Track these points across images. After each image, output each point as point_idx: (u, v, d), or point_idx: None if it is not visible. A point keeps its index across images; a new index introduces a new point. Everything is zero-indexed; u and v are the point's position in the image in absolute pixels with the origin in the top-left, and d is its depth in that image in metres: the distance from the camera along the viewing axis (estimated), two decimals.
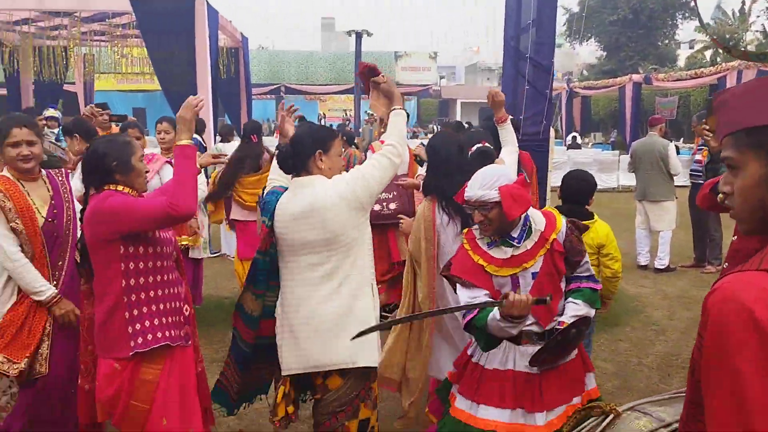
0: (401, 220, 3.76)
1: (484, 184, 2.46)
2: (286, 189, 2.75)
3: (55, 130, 7.48)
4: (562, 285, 2.57)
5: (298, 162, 2.68)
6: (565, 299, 2.57)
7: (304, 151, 2.67)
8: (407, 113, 3.12)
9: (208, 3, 10.64)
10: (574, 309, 2.53)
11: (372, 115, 27.21)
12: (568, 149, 17.44)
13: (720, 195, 1.20)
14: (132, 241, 2.45)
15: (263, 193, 2.88)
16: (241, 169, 5.40)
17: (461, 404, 2.58)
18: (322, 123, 29.22)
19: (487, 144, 3.36)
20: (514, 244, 2.52)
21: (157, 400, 2.49)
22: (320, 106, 32.81)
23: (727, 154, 1.15)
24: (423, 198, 3.39)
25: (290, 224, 2.63)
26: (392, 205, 4.19)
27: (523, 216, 2.53)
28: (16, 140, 2.86)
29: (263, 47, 39.65)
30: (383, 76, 3.01)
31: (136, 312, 2.46)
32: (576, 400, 2.48)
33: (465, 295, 2.56)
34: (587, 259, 2.64)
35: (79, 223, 2.82)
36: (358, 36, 24.08)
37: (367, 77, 3.05)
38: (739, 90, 1.17)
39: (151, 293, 2.51)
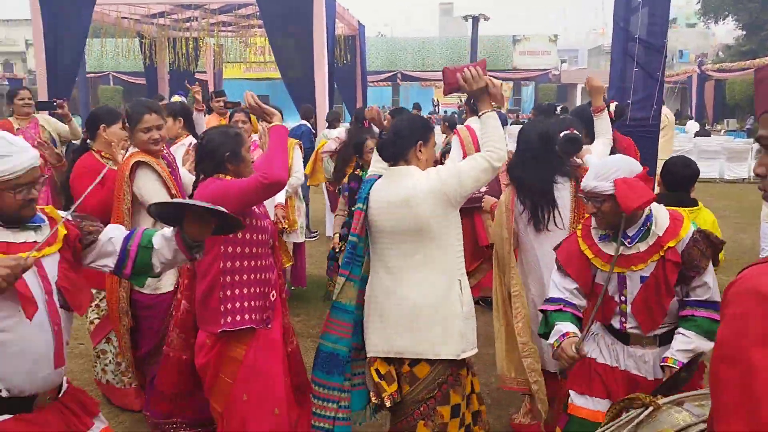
0: (483, 197, 3.79)
1: (600, 174, 2.36)
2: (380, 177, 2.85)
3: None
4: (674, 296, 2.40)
5: (398, 151, 2.74)
6: (678, 326, 2.40)
7: (406, 141, 2.73)
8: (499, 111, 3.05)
9: None
10: (684, 343, 2.33)
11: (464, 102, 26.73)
12: (695, 136, 16.38)
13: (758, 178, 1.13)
14: None
15: (348, 180, 3.01)
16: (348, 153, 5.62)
17: (579, 401, 2.54)
18: (437, 110, 29.19)
19: (575, 131, 3.29)
20: (626, 243, 2.39)
21: (240, 377, 2.66)
22: (435, 92, 32.79)
23: (763, 132, 1.09)
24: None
25: (384, 211, 2.70)
26: (483, 188, 4.22)
27: (645, 214, 2.40)
28: (147, 126, 3.19)
29: (382, 34, 40.16)
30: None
31: (229, 293, 2.64)
32: None
33: (556, 279, 2.57)
34: (707, 279, 2.37)
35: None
36: (475, 20, 23.79)
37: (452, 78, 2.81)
38: None
39: (245, 277, 2.67)
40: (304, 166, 6.05)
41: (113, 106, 4.10)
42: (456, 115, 17.82)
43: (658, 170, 3.42)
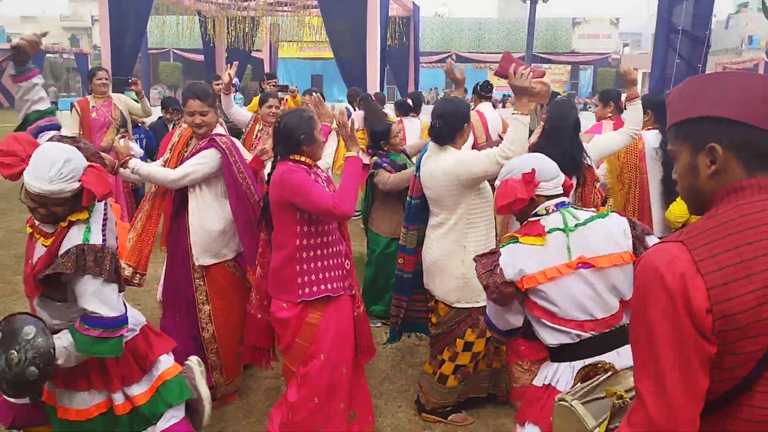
0: None
1: (502, 173, 2.39)
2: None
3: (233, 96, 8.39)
4: None
5: (448, 135, 3.26)
6: None
7: (455, 124, 3.25)
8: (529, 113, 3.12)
9: None
10: None
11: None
12: None
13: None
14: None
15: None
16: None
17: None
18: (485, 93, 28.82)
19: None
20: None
21: (317, 340, 2.92)
22: (489, 75, 32.45)
23: (669, 145, 1.33)
24: None
25: (425, 179, 3.35)
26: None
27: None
28: (190, 110, 3.39)
29: (439, 14, 39.83)
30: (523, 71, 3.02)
31: (305, 266, 2.89)
32: None
33: None
34: None
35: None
36: (533, 2, 23.34)
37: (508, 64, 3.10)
38: (677, 88, 1.33)
39: (318, 252, 2.92)
40: None
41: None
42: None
43: None
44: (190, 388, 2.67)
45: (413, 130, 6.74)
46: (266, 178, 3.10)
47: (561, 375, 2.11)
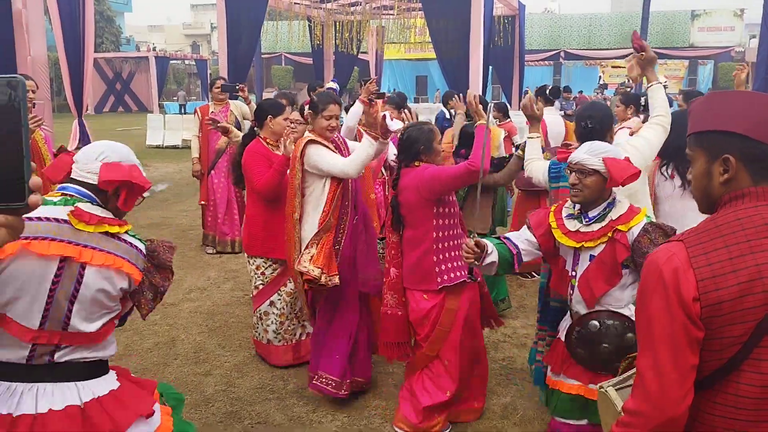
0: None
1: (591, 150, 2.65)
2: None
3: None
4: (624, 279, 2.63)
5: (599, 134, 3.27)
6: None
7: (606, 123, 3.28)
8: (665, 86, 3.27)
9: None
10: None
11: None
12: None
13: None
14: (440, 205, 3.24)
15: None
16: None
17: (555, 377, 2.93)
18: (602, 93, 27.95)
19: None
20: (584, 221, 2.68)
21: (457, 322, 3.27)
22: (601, 71, 31.33)
23: (687, 149, 1.50)
24: None
25: None
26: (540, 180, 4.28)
27: (606, 201, 2.66)
28: (330, 114, 3.64)
29: (549, 10, 38.93)
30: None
31: (442, 256, 3.25)
32: None
33: (520, 231, 2.93)
34: None
35: None
36: None
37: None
38: (699, 100, 1.49)
39: (451, 242, 3.28)
40: None
41: (276, 100, 4.56)
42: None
43: None
44: None
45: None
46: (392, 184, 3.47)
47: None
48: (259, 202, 4.09)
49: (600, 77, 30.03)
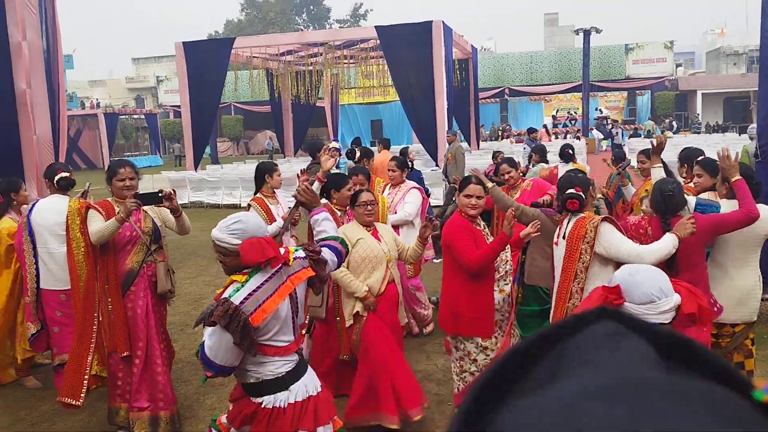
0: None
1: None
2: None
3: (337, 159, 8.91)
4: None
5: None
6: None
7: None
8: None
9: (444, 22, 11.44)
10: None
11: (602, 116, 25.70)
12: None
13: None
14: None
15: None
16: None
17: None
18: (553, 125, 28.59)
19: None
20: None
21: None
22: (545, 106, 32.39)
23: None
24: None
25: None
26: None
27: None
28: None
29: (485, 48, 40.17)
30: None
31: None
32: None
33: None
34: None
35: None
36: (587, 33, 23.42)
37: None
38: None
39: None
40: None
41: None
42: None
43: None
44: None
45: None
46: None
47: None
48: None
49: (599, 110, 29.71)
